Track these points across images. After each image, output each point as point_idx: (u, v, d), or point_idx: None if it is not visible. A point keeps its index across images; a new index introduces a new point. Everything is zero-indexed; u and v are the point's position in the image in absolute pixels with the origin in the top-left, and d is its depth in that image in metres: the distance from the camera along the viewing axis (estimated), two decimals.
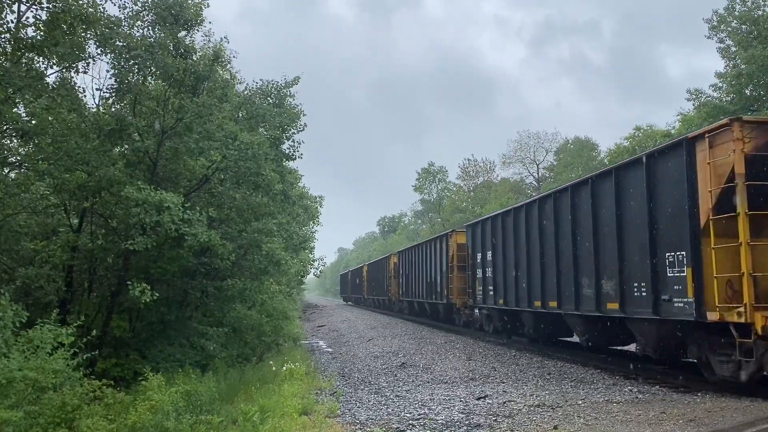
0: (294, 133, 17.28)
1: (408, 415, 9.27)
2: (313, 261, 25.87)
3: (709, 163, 9.51)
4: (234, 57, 15.37)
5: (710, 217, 9.36)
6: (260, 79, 17.23)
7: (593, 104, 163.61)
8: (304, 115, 17.42)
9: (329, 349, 21.04)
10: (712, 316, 9.32)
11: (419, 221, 78.15)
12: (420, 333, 24.17)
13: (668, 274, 10.34)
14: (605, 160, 41.16)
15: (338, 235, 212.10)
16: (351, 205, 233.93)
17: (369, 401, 10.73)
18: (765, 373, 9.13)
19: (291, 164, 20.42)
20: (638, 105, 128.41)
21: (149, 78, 13.26)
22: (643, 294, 11.03)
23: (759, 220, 8.94)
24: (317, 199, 35.10)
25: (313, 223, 33.56)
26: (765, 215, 8.97)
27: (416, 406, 9.96)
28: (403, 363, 15.64)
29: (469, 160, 65.49)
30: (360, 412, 9.76)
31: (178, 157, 13.39)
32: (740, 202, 8.97)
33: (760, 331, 8.58)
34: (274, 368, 13.63)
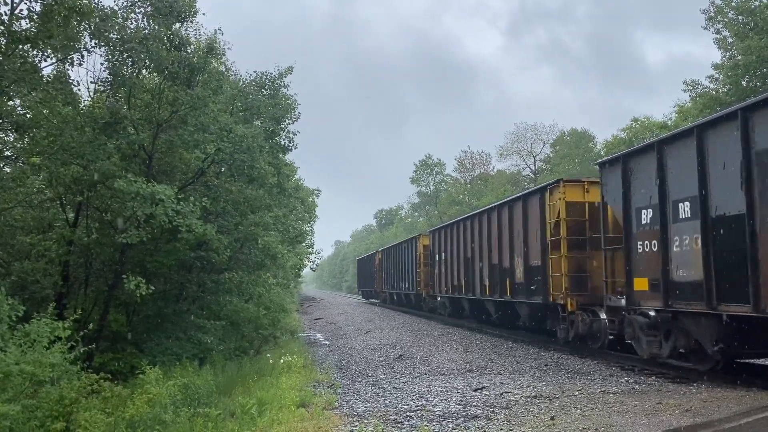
0: (289, 123, 17.26)
1: (405, 406, 9.28)
2: (310, 254, 25.86)
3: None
4: (228, 48, 15.30)
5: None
6: (254, 71, 17.19)
7: (574, 92, 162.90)
8: (298, 104, 17.40)
9: (327, 342, 21.06)
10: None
11: (416, 214, 78.16)
12: (417, 325, 24.21)
13: None
14: (602, 152, 41.08)
15: (333, 228, 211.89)
16: (342, 198, 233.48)
17: (366, 393, 10.72)
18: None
19: (287, 157, 20.39)
20: (619, 92, 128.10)
21: (144, 70, 13.19)
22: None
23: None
24: (314, 192, 35.11)
25: (310, 217, 33.48)
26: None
27: (414, 397, 9.97)
28: (401, 355, 15.67)
29: (465, 152, 65.53)
30: (357, 404, 9.76)
31: (174, 149, 13.34)
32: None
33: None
34: (271, 361, 13.64)
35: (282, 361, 13.34)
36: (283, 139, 17.42)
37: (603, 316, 12.88)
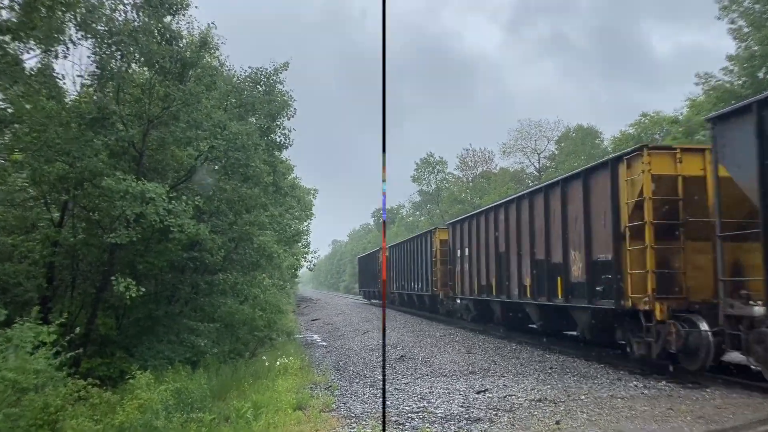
0: (284, 120, 16.89)
1: (407, 408, 9.06)
2: (306, 254, 25.52)
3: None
4: (222, 43, 14.92)
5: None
6: (249, 67, 16.79)
7: (579, 86, 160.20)
8: (294, 100, 17.03)
9: (324, 343, 20.78)
10: None
11: (417, 212, 77.82)
12: (419, 326, 23.91)
13: None
14: (609, 148, 40.47)
15: (330, 227, 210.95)
16: (339, 197, 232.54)
17: (365, 395, 10.56)
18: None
19: (284, 154, 20.04)
20: (626, 85, 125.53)
21: (133, 64, 12.78)
22: None
23: None
24: (312, 191, 34.74)
25: (306, 215, 33.08)
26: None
27: (415, 399, 9.76)
28: (402, 356, 15.38)
29: (467, 150, 65.05)
30: (355, 405, 9.58)
31: (165, 147, 12.98)
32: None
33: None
34: (267, 363, 13.39)
35: (278, 363, 13.15)
36: (279, 136, 17.03)
37: (704, 327, 9.95)
